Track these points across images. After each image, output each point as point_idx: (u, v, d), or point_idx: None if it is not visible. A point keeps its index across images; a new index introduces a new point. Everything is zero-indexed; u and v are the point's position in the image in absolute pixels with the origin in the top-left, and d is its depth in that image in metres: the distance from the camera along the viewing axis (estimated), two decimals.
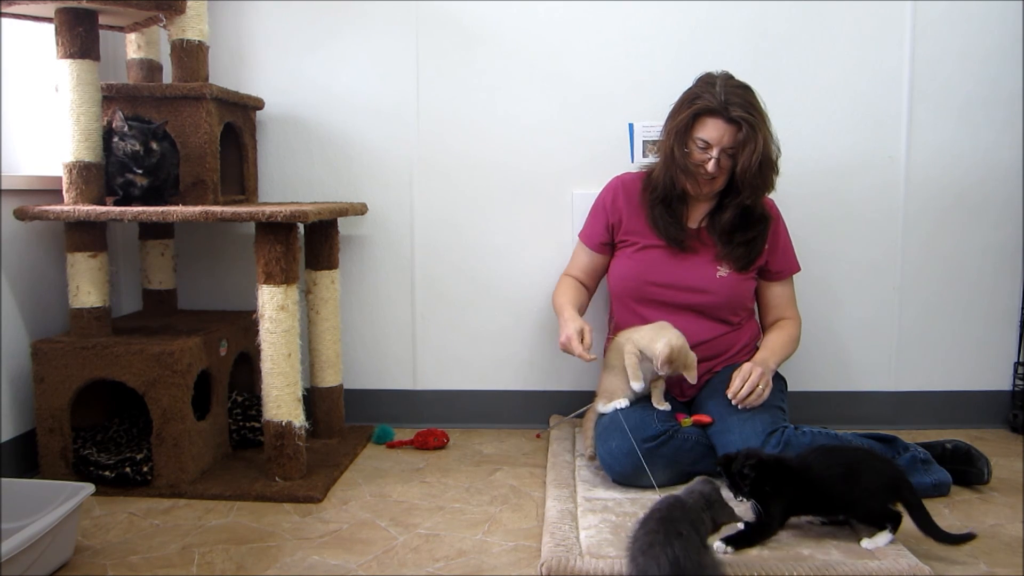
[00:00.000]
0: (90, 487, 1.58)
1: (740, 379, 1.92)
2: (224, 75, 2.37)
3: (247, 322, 2.17)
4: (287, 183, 2.44)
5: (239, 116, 2.26)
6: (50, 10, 1.87)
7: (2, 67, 2.05)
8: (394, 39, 2.37)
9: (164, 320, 2.20)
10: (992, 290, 2.41)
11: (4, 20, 2.00)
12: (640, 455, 1.82)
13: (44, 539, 1.45)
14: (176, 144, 2.04)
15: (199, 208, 1.88)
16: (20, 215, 1.91)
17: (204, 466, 2.01)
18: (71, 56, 1.87)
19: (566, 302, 2.10)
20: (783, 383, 2.08)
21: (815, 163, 2.36)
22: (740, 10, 2.32)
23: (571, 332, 1.95)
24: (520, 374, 2.47)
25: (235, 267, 2.46)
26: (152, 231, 2.30)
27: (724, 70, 2.00)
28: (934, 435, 2.16)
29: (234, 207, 1.91)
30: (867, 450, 1.70)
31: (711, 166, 1.95)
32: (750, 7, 2.32)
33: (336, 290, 2.25)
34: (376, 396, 2.48)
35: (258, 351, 1.93)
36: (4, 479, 1.63)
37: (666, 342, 1.86)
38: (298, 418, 1.94)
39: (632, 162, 2.35)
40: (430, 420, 2.45)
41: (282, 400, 1.91)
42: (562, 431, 2.32)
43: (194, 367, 1.95)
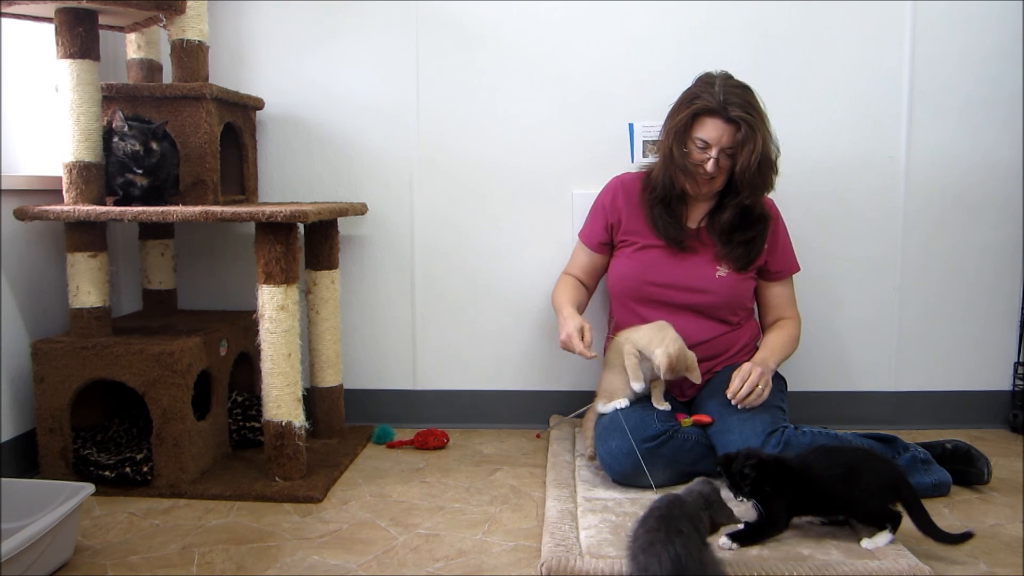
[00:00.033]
0: (90, 487, 1.58)
1: (740, 379, 1.92)
2: (224, 75, 2.37)
3: (247, 322, 2.17)
4: (287, 183, 2.44)
5: (239, 116, 2.26)
6: (50, 10, 1.87)
7: (2, 67, 2.05)
8: (394, 39, 2.37)
9: (164, 320, 2.20)
10: (992, 290, 2.41)
11: (4, 20, 2.00)
12: (639, 456, 1.83)
13: (44, 539, 1.45)
14: (176, 144, 2.04)
15: (199, 208, 1.88)
16: (20, 215, 1.91)
17: (204, 466, 2.01)
18: (71, 56, 1.87)
19: (565, 300, 2.10)
20: (783, 383, 2.08)
21: (815, 163, 2.36)
22: (740, 10, 2.32)
23: (571, 330, 1.95)
24: (520, 374, 2.47)
25: (235, 267, 2.46)
26: (152, 231, 2.30)
27: (723, 70, 2.00)
28: (934, 435, 2.16)
29: (234, 207, 1.91)
30: (867, 450, 1.70)
31: (710, 166, 1.95)
32: (750, 7, 2.32)
33: (336, 290, 2.25)
34: (376, 396, 2.48)
35: (258, 351, 1.93)
36: (4, 479, 1.63)
37: (663, 351, 1.87)
38: (298, 418, 1.94)
39: (632, 162, 2.35)
40: (430, 420, 2.45)
41: (282, 400, 1.91)
42: (562, 431, 2.32)
43: (194, 367, 1.95)
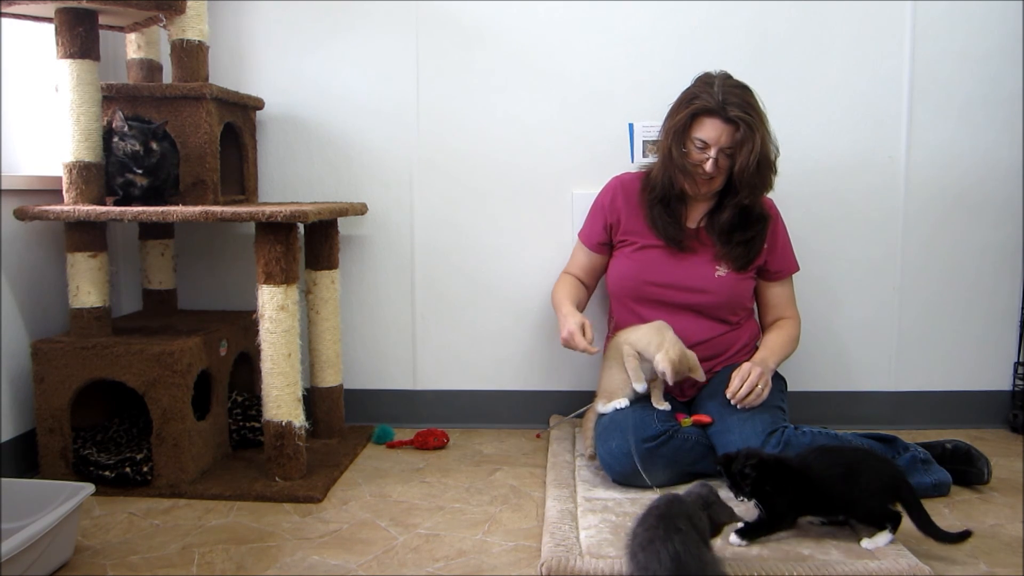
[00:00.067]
0: (90, 487, 1.58)
1: (739, 379, 1.92)
2: (224, 75, 2.37)
3: (247, 322, 2.17)
4: (287, 183, 2.44)
5: (239, 116, 2.26)
6: (50, 10, 1.87)
7: (2, 67, 2.05)
8: (394, 39, 2.37)
9: (164, 320, 2.20)
10: (992, 290, 2.41)
11: (4, 20, 2.00)
12: (637, 457, 1.82)
13: (44, 539, 1.45)
14: (176, 144, 2.04)
15: (199, 208, 1.88)
16: (20, 215, 1.91)
17: (204, 466, 2.01)
18: (71, 56, 1.87)
19: (564, 298, 2.10)
20: (783, 383, 2.08)
21: (815, 163, 2.36)
22: (740, 10, 2.32)
23: (572, 327, 1.96)
24: (520, 374, 2.47)
25: (235, 267, 2.46)
26: (152, 231, 2.30)
27: (723, 70, 2.00)
28: (934, 435, 2.16)
29: (234, 207, 1.91)
30: (867, 450, 1.70)
31: (709, 166, 1.95)
32: (750, 7, 2.32)
33: (336, 290, 2.25)
34: (376, 396, 2.48)
35: (258, 351, 1.93)
36: (4, 479, 1.63)
37: (664, 357, 1.87)
38: (298, 418, 1.94)
39: (632, 162, 2.35)
40: (430, 420, 2.45)
41: (282, 400, 1.91)
42: (562, 431, 2.32)
43: (194, 367, 1.95)
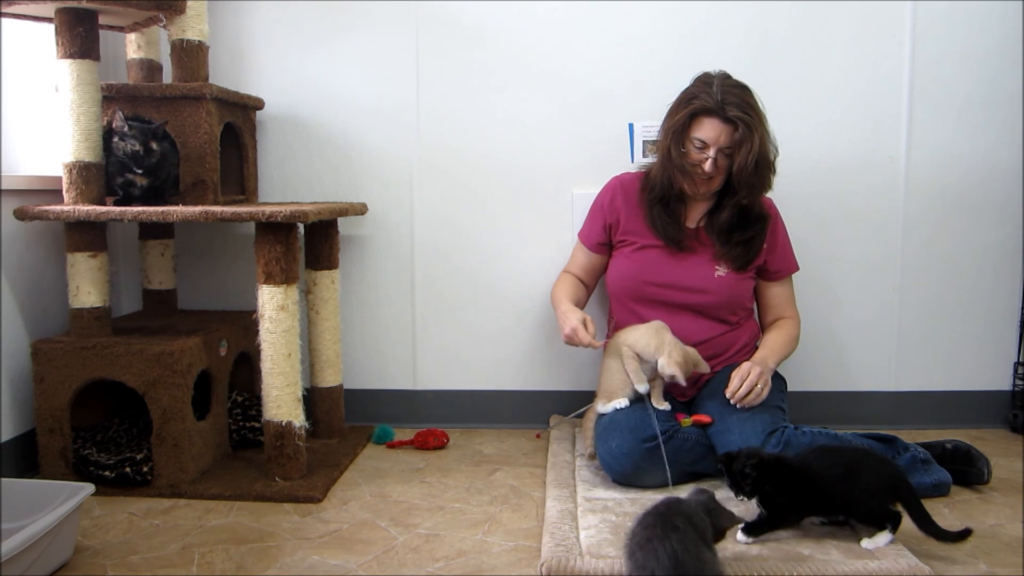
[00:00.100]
0: (90, 487, 1.58)
1: (739, 378, 1.92)
2: (224, 75, 2.37)
3: (247, 322, 2.17)
4: (287, 183, 2.44)
5: (239, 116, 2.26)
6: (50, 10, 1.87)
7: (2, 67, 2.05)
8: (394, 39, 2.37)
9: (164, 320, 2.20)
10: (992, 290, 2.41)
11: (4, 20, 2.00)
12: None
13: (44, 539, 1.45)
14: (176, 144, 2.04)
15: (199, 208, 1.88)
16: (20, 215, 1.91)
17: (204, 466, 2.01)
18: (71, 56, 1.87)
19: (563, 296, 2.11)
20: (783, 383, 2.08)
21: (815, 163, 2.36)
22: (740, 10, 2.32)
23: (575, 323, 1.96)
24: (520, 374, 2.47)
25: (235, 267, 2.46)
26: (152, 231, 2.30)
27: (722, 70, 2.00)
28: (934, 435, 2.16)
29: (234, 207, 1.91)
30: (867, 450, 1.70)
31: (708, 166, 1.95)
32: (750, 7, 2.32)
33: (336, 290, 2.25)
34: (376, 396, 2.48)
35: (258, 351, 1.93)
36: (4, 479, 1.63)
37: (669, 361, 1.87)
38: (298, 418, 1.94)
39: (632, 162, 2.35)
40: (430, 420, 2.45)
41: (282, 400, 1.91)
42: (562, 431, 2.32)
43: (194, 367, 1.95)
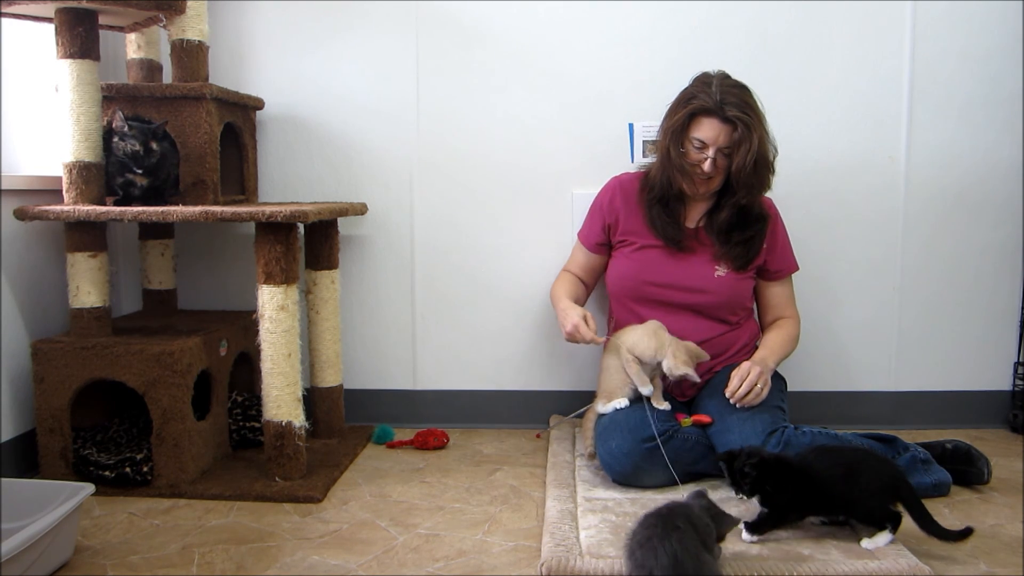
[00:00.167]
0: (90, 487, 1.58)
1: (738, 378, 1.92)
2: (224, 75, 2.37)
3: (247, 322, 2.17)
4: (287, 183, 2.44)
5: (239, 116, 2.26)
6: (50, 10, 1.87)
7: (2, 67, 2.05)
8: (394, 39, 2.37)
9: (164, 320, 2.20)
10: (992, 290, 2.41)
11: (4, 20, 2.00)
12: (650, 451, 1.84)
13: (44, 539, 1.45)
14: (176, 144, 2.04)
15: (199, 208, 1.88)
16: (20, 215, 1.91)
17: (204, 466, 2.01)
18: (71, 56, 1.87)
19: (562, 294, 2.11)
20: (783, 383, 2.08)
21: (815, 163, 2.35)
22: (740, 10, 2.32)
23: (576, 320, 1.96)
24: (520, 374, 2.47)
25: (235, 267, 2.46)
26: (152, 231, 2.30)
27: (721, 70, 2.00)
28: (934, 435, 2.16)
29: (234, 207, 1.91)
30: (867, 450, 1.70)
31: (707, 166, 1.95)
32: (750, 7, 2.32)
33: (336, 290, 2.25)
34: (376, 396, 2.48)
35: (258, 351, 1.93)
36: (4, 479, 1.63)
37: (675, 363, 1.89)
38: (298, 418, 1.94)
39: (632, 162, 2.35)
40: (430, 420, 2.45)
41: (282, 400, 1.91)
42: (562, 431, 2.32)
43: (194, 367, 1.95)
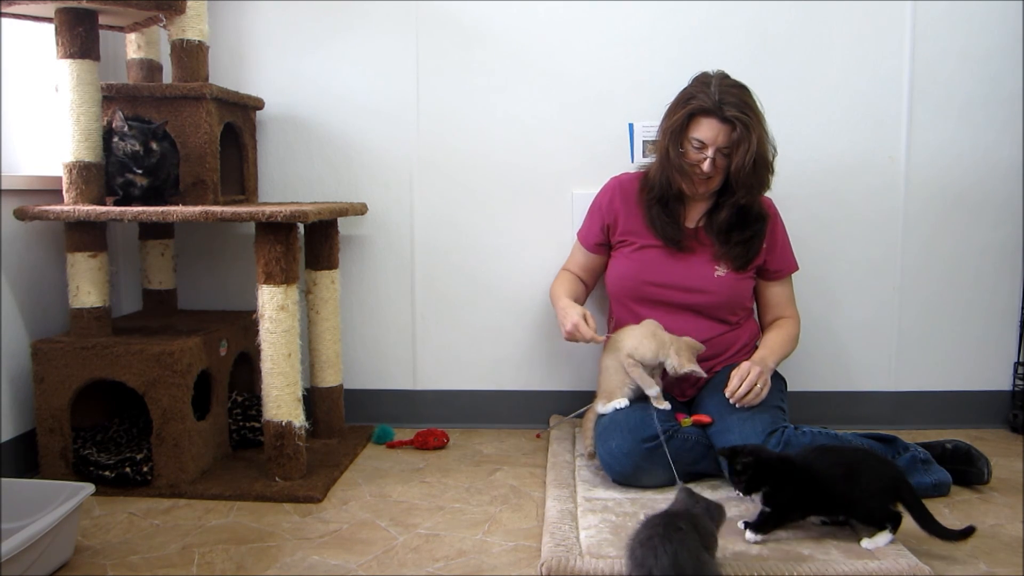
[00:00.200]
0: (90, 487, 1.58)
1: (738, 378, 1.92)
2: (224, 75, 2.37)
3: (247, 322, 2.17)
4: (287, 183, 2.44)
5: (239, 116, 2.26)
6: (50, 10, 1.87)
7: (2, 67, 2.05)
8: (394, 39, 2.37)
9: (164, 320, 2.20)
10: (992, 290, 2.41)
11: (4, 20, 2.00)
12: (650, 451, 1.84)
13: (44, 539, 1.45)
14: (176, 144, 2.04)
15: (199, 208, 1.88)
16: (20, 215, 1.91)
17: (204, 466, 2.01)
18: (71, 56, 1.87)
19: (561, 293, 2.12)
20: (783, 383, 2.08)
21: (815, 163, 2.35)
22: (740, 10, 2.32)
23: (576, 319, 1.96)
24: (520, 374, 2.47)
25: (235, 267, 2.46)
26: (152, 231, 2.30)
27: (720, 69, 2.00)
28: (934, 435, 2.16)
29: (234, 207, 1.91)
30: (867, 451, 1.70)
31: (706, 166, 1.95)
32: (750, 7, 2.32)
33: (336, 290, 2.25)
34: (376, 396, 2.48)
35: (258, 351, 1.93)
36: (4, 479, 1.63)
37: (680, 362, 1.90)
38: (298, 418, 1.94)
39: (632, 162, 2.35)
40: (430, 420, 2.45)
41: (282, 400, 1.91)
42: (562, 431, 2.32)
43: (194, 367, 1.95)
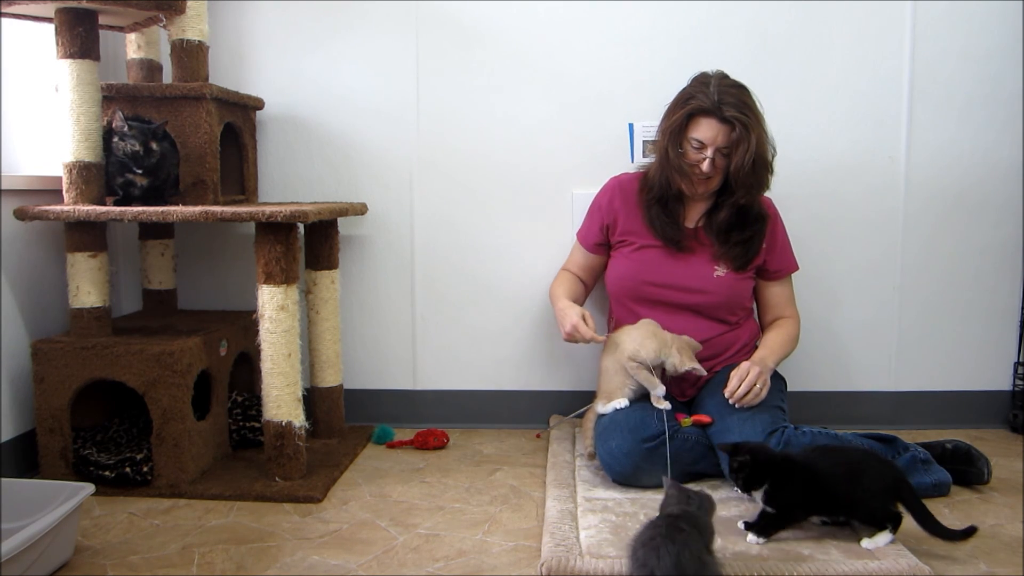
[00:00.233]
0: (90, 487, 1.58)
1: (738, 378, 1.92)
2: (224, 75, 2.37)
3: (247, 322, 2.17)
4: (287, 183, 2.44)
5: (239, 116, 2.26)
6: (50, 10, 1.87)
7: (2, 67, 2.05)
8: (394, 39, 2.37)
9: (164, 320, 2.20)
10: (992, 290, 2.41)
11: (4, 20, 2.00)
12: (650, 451, 1.84)
13: (44, 539, 1.45)
14: (176, 144, 2.04)
15: (199, 208, 1.88)
16: (20, 215, 1.91)
17: (204, 466, 2.01)
18: (71, 56, 1.87)
19: (561, 293, 2.12)
20: (783, 383, 2.08)
21: (815, 163, 2.35)
22: (740, 10, 2.32)
23: (575, 319, 1.96)
24: (520, 374, 2.47)
25: (235, 267, 2.46)
26: (152, 231, 2.30)
27: (719, 69, 2.00)
28: (934, 435, 2.16)
29: (234, 207, 1.91)
30: (867, 451, 1.70)
31: (706, 166, 1.95)
32: (750, 7, 2.32)
33: (336, 290, 2.25)
34: (376, 396, 2.48)
35: (258, 351, 1.93)
36: (4, 479, 1.63)
37: (682, 359, 1.90)
38: (298, 418, 1.94)
39: (632, 162, 2.35)
40: (430, 420, 2.45)
41: (282, 400, 1.91)
42: (562, 431, 2.32)
43: (194, 367, 1.95)
